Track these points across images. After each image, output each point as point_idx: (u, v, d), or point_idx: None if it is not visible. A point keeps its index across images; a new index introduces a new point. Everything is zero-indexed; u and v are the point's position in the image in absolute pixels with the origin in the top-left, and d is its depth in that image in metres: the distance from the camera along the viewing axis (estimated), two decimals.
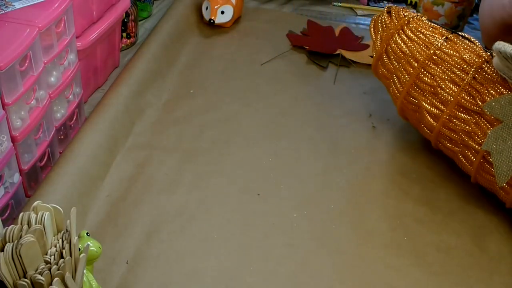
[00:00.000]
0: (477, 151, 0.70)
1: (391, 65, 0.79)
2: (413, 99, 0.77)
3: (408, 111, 0.80)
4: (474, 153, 0.71)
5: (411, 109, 0.79)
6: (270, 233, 0.70)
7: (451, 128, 0.73)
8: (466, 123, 0.71)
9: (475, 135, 0.70)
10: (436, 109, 0.74)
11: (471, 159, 0.72)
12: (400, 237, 0.71)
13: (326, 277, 0.65)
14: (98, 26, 0.85)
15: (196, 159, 0.81)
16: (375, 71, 0.85)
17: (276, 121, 0.90)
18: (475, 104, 0.69)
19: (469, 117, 0.70)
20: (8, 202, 0.65)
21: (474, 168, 0.72)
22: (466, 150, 0.72)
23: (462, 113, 0.71)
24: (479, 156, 0.70)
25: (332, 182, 0.79)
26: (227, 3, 1.11)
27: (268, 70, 1.03)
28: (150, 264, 0.65)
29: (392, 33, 0.78)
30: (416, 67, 0.75)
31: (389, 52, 0.79)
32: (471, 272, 0.67)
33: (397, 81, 0.79)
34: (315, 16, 1.24)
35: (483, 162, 0.70)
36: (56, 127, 0.75)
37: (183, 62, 1.03)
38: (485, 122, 0.69)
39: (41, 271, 0.45)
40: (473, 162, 0.72)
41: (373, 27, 0.83)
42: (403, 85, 0.77)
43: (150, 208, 0.72)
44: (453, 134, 0.73)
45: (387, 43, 0.79)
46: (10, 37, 0.61)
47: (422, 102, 0.75)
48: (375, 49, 0.82)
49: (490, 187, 0.73)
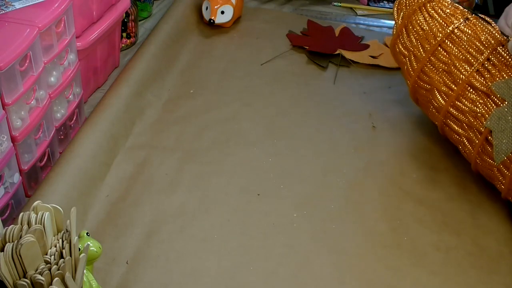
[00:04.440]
0: (480, 133, 0.71)
1: (409, 43, 0.80)
2: (426, 77, 0.78)
3: (419, 91, 0.81)
4: (477, 134, 0.72)
5: (423, 88, 0.79)
6: (270, 233, 0.70)
7: (459, 109, 0.74)
8: (474, 104, 0.72)
9: (482, 116, 0.71)
10: (447, 88, 0.75)
11: (474, 142, 0.73)
12: (400, 237, 0.71)
13: (326, 277, 0.65)
14: (98, 26, 0.85)
15: (196, 159, 0.81)
16: (392, 50, 0.86)
17: (276, 121, 0.90)
18: (485, 85, 0.70)
19: (478, 97, 0.71)
20: (8, 202, 0.65)
21: (475, 150, 0.73)
22: (471, 132, 0.73)
23: (471, 93, 0.72)
24: (482, 137, 0.71)
25: (332, 182, 0.79)
26: (227, 3, 1.11)
27: (268, 70, 1.03)
28: (150, 264, 0.65)
29: (414, 9, 0.79)
30: (433, 44, 0.76)
31: (409, 29, 0.80)
32: (471, 272, 0.67)
33: (414, 58, 0.80)
34: (315, 16, 1.24)
35: (485, 144, 0.71)
36: (56, 127, 0.75)
37: (183, 62, 1.03)
38: (492, 104, 0.70)
39: (41, 271, 0.45)
40: (475, 144, 0.72)
41: (396, 6, 0.84)
42: (418, 62, 0.78)
43: (150, 208, 0.72)
44: (461, 115, 0.74)
45: (408, 20, 0.80)
46: (10, 37, 0.61)
47: (435, 81, 0.76)
48: (396, 27, 0.83)
49: (488, 174, 0.73)
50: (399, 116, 0.86)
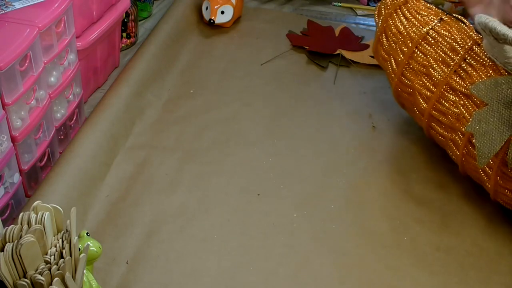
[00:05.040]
0: (463, 134, 0.70)
1: (389, 46, 0.80)
2: (407, 81, 0.77)
3: (402, 95, 0.80)
4: (461, 136, 0.71)
5: (406, 92, 0.78)
6: (270, 233, 0.70)
7: (441, 111, 0.72)
8: (455, 105, 0.70)
9: (463, 118, 0.69)
10: (427, 90, 0.74)
11: (458, 144, 0.72)
12: (400, 237, 0.71)
13: (326, 277, 0.65)
14: (98, 26, 0.85)
15: (196, 159, 0.81)
16: (375, 55, 0.85)
17: (276, 121, 0.90)
18: (464, 86, 0.69)
19: (458, 99, 0.70)
20: (8, 202, 0.65)
21: (460, 152, 0.71)
22: (455, 134, 0.72)
23: (451, 95, 0.71)
24: (465, 139, 0.69)
25: (332, 182, 0.79)
26: (227, 3, 1.11)
27: (268, 70, 1.03)
28: (150, 264, 0.65)
29: (390, 13, 0.79)
30: (410, 47, 0.75)
31: (387, 33, 0.80)
32: (471, 272, 0.67)
33: (394, 62, 0.79)
34: (315, 16, 1.24)
35: (469, 146, 0.70)
36: (56, 127, 0.75)
37: (183, 62, 1.03)
38: (473, 105, 0.68)
39: (41, 271, 0.45)
40: (459, 146, 0.71)
41: (377, 11, 0.83)
42: (398, 65, 0.78)
43: (150, 208, 0.72)
44: (443, 118, 0.73)
45: (387, 23, 0.79)
46: (10, 37, 0.61)
47: (415, 84, 0.75)
48: (376, 31, 0.83)
49: (475, 175, 0.73)
50: (399, 116, 0.86)
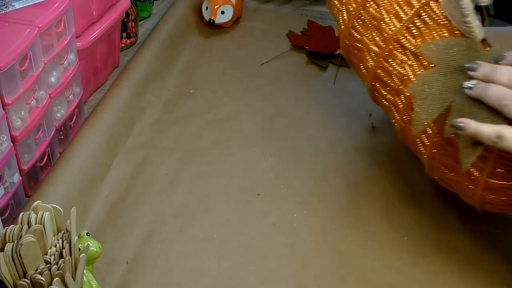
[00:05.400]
0: (406, 98, 0.65)
1: None
2: (357, 34, 0.71)
3: (351, 51, 0.74)
4: (403, 100, 0.66)
5: (355, 47, 0.73)
6: (270, 233, 0.70)
7: (387, 70, 0.67)
8: (401, 66, 0.65)
9: (408, 80, 0.64)
10: (376, 46, 0.68)
11: (399, 108, 0.66)
12: (400, 237, 0.71)
13: (326, 277, 0.65)
14: (98, 26, 0.85)
15: (196, 159, 0.81)
16: (328, 4, 0.78)
17: (276, 121, 0.90)
18: (415, 45, 0.63)
19: (406, 58, 0.64)
20: (8, 202, 0.65)
21: (400, 117, 0.66)
22: (397, 98, 0.67)
23: (400, 53, 0.65)
24: (407, 102, 0.64)
25: (332, 182, 0.79)
26: (227, 3, 1.11)
27: (268, 70, 1.03)
28: (150, 264, 0.65)
29: None
30: None
31: None
32: (471, 272, 0.67)
33: (346, 12, 0.73)
34: (315, 16, 1.24)
35: (410, 112, 0.64)
36: (56, 127, 0.75)
37: (183, 62, 1.03)
38: (420, 66, 0.63)
39: (41, 271, 0.45)
40: (400, 110, 0.66)
41: None
42: (350, 16, 0.72)
43: (150, 208, 0.72)
44: (388, 79, 0.67)
45: None
46: (10, 37, 0.61)
47: (364, 38, 0.69)
48: None
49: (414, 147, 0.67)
50: None
